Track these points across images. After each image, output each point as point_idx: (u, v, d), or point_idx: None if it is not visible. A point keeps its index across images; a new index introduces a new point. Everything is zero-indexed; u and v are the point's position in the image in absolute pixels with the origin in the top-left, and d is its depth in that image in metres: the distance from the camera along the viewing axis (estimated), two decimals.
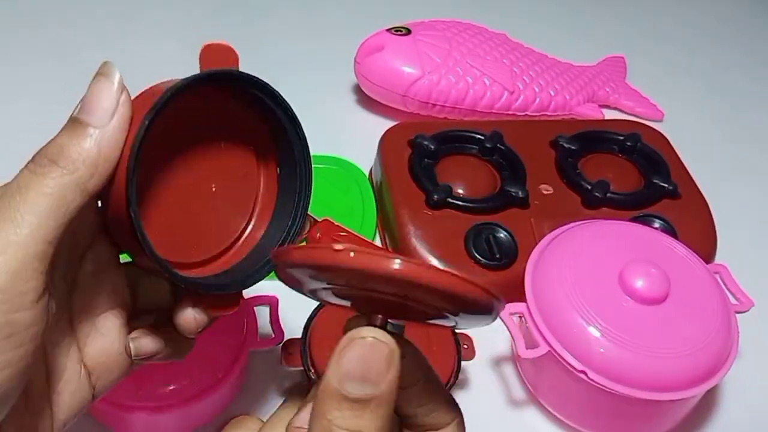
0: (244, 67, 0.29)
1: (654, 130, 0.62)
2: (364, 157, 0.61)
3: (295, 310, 0.44)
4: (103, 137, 0.25)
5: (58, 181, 0.24)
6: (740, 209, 0.62)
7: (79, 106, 0.26)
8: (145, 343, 0.30)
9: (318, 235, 0.36)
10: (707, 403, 0.47)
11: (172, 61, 0.73)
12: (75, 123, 0.26)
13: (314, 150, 0.63)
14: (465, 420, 0.29)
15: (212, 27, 0.78)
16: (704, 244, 0.53)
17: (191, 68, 0.28)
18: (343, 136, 0.65)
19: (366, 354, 0.24)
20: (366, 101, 0.69)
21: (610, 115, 0.71)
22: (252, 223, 0.33)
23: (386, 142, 0.58)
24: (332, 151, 0.61)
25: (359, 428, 0.24)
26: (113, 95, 0.26)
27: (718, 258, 0.53)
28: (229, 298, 0.31)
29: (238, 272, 0.32)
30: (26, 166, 0.25)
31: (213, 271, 0.32)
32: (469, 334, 0.44)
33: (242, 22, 0.80)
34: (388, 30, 0.66)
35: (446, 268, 0.23)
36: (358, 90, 0.70)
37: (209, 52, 0.29)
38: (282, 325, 0.44)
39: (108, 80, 0.26)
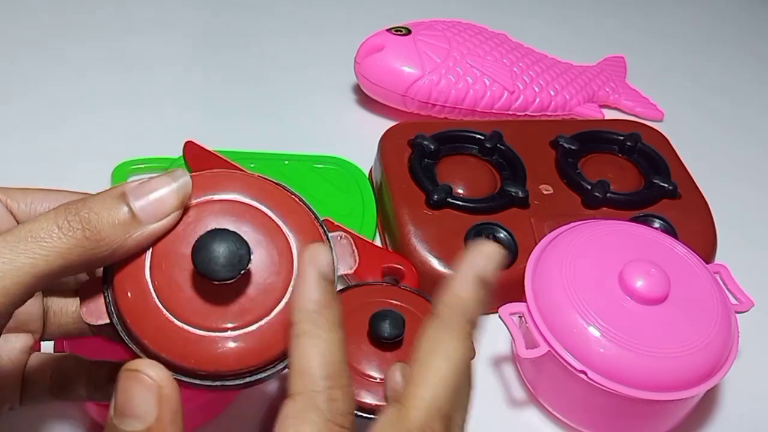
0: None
1: (654, 130, 0.62)
2: (364, 157, 0.61)
3: None
4: (142, 234, 0.24)
5: (77, 250, 0.23)
6: (740, 209, 0.62)
7: (135, 186, 0.25)
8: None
9: None
10: (707, 403, 0.47)
11: (171, 57, 0.73)
12: (122, 203, 0.24)
13: (314, 150, 0.64)
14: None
15: (212, 26, 0.78)
16: (704, 244, 0.53)
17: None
18: (343, 136, 0.65)
19: (128, 388, 0.23)
20: (366, 101, 0.69)
21: (610, 115, 0.71)
22: None
23: (386, 142, 0.58)
24: (332, 151, 0.61)
25: None
26: (178, 199, 0.25)
27: (718, 258, 0.53)
28: None
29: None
30: (55, 215, 0.24)
31: None
32: None
33: (242, 21, 0.80)
34: (388, 30, 0.66)
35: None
36: (358, 90, 0.70)
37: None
38: None
39: (177, 185, 0.25)
